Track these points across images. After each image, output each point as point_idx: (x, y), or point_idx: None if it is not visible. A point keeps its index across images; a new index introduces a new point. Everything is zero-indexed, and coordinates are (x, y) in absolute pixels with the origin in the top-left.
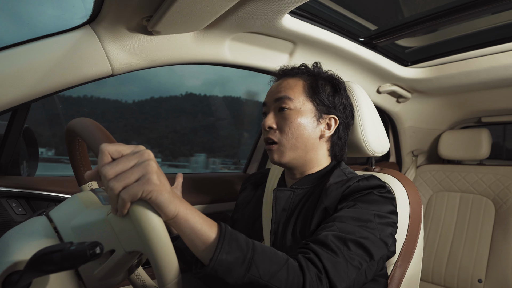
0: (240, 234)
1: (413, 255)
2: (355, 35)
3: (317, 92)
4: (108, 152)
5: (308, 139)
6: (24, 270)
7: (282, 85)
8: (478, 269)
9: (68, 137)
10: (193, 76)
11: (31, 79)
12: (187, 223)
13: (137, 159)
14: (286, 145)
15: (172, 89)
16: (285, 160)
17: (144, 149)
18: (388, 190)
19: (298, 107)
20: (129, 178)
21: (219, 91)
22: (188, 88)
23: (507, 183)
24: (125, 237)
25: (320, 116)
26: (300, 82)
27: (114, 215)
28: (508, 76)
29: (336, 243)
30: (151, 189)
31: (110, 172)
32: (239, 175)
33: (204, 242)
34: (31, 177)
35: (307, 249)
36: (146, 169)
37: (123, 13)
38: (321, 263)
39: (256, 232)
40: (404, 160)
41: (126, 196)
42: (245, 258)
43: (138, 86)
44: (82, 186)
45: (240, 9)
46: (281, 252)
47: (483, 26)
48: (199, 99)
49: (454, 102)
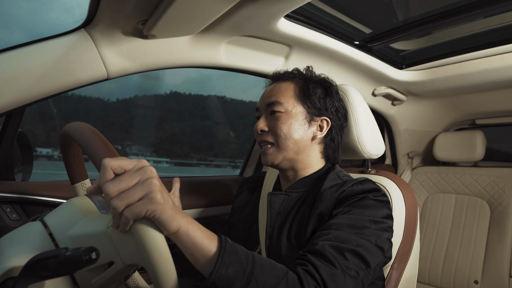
0: (240, 247)
1: (410, 257)
2: (350, 38)
3: (307, 95)
4: (111, 168)
5: (299, 141)
6: (19, 276)
7: (274, 90)
8: (474, 270)
9: (64, 141)
10: (175, 74)
11: (26, 83)
12: (188, 237)
13: (140, 176)
14: (278, 146)
15: (155, 87)
16: (277, 161)
17: (147, 165)
18: (383, 194)
19: (289, 109)
20: (132, 197)
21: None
22: (172, 87)
23: (501, 185)
24: (125, 250)
25: (312, 119)
26: (291, 86)
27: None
28: (501, 78)
29: (333, 253)
30: (155, 208)
31: (112, 190)
32: (235, 178)
33: (205, 256)
34: (25, 182)
35: (305, 260)
36: (149, 188)
37: (118, 16)
38: (320, 276)
39: (253, 236)
40: (399, 162)
41: (129, 215)
42: (245, 272)
43: (119, 83)
44: (75, 185)
45: (236, 13)
46: (280, 265)
47: (476, 29)
48: (184, 98)
49: (448, 105)
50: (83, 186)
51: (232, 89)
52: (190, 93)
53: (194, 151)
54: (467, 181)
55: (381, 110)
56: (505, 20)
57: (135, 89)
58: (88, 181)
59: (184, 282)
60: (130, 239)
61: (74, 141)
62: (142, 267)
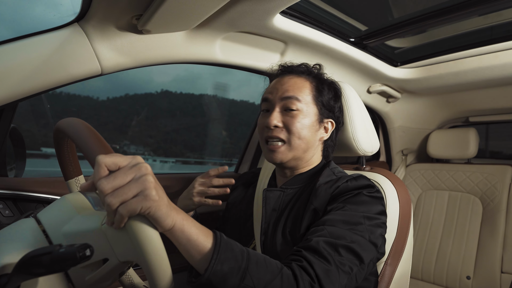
0: (235, 243)
1: (403, 253)
2: (345, 35)
3: (322, 95)
4: (105, 165)
5: (310, 141)
6: (12, 273)
7: (289, 84)
8: (466, 266)
9: (57, 137)
10: (165, 72)
11: (18, 78)
12: (183, 234)
13: (135, 173)
14: (293, 145)
15: (144, 86)
16: (286, 159)
17: (142, 162)
18: (377, 190)
19: (305, 108)
20: (127, 194)
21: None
22: (163, 85)
23: (493, 181)
24: (119, 247)
25: (321, 120)
26: (307, 84)
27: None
28: (494, 76)
29: (328, 249)
30: (150, 205)
31: (107, 187)
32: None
33: (200, 252)
34: (18, 178)
35: (300, 256)
36: (144, 185)
37: (112, 11)
38: (314, 272)
39: (247, 232)
40: (394, 159)
41: (124, 212)
42: (240, 268)
43: (108, 81)
44: (68, 181)
45: (231, 9)
46: (275, 261)
47: (470, 28)
48: (176, 97)
49: (442, 102)
50: (77, 182)
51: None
52: (182, 91)
53: (189, 149)
54: (460, 178)
55: (376, 108)
56: (499, 18)
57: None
58: (82, 177)
59: (179, 278)
60: (125, 236)
61: (68, 137)
62: (136, 263)
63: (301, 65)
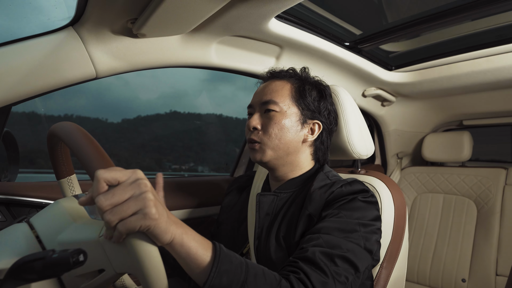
0: (235, 255)
1: (398, 256)
2: (340, 39)
3: (303, 96)
4: (104, 180)
5: (290, 142)
6: (4, 279)
7: (269, 88)
8: (461, 269)
9: (52, 141)
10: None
11: (11, 81)
12: (182, 248)
13: (134, 190)
14: (269, 145)
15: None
16: (266, 159)
17: (142, 178)
18: (372, 194)
19: (284, 109)
20: (125, 212)
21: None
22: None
23: (488, 184)
24: (117, 259)
25: (305, 121)
26: (287, 86)
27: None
28: (488, 80)
29: (324, 260)
30: (149, 224)
31: (105, 204)
32: (225, 178)
33: (199, 265)
34: (11, 183)
35: (297, 268)
36: (143, 203)
37: (107, 15)
38: (311, 284)
39: (241, 236)
40: (389, 162)
41: (122, 229)
42: (239, 281)
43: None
44: (60, 180)
45: (227, 13)
46: (274, 273)
47: (464, 32)
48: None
49: (436, 106)
50: (69, 182)
51: (205, 105)
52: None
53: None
54: (454, 181)
55: (371, 111)
56: (492, 23)
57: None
58: (74, 177)
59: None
60: (123, 249)
61: (66, 144)
62: None
63: (289, 69)
